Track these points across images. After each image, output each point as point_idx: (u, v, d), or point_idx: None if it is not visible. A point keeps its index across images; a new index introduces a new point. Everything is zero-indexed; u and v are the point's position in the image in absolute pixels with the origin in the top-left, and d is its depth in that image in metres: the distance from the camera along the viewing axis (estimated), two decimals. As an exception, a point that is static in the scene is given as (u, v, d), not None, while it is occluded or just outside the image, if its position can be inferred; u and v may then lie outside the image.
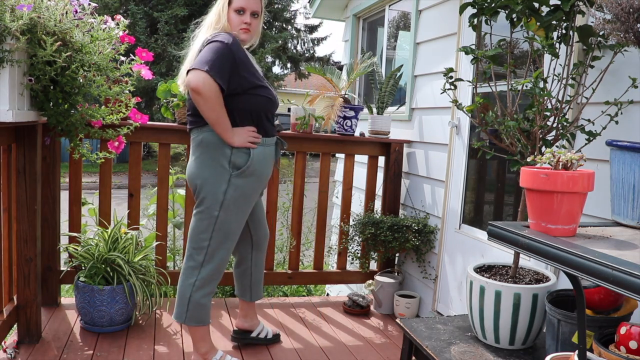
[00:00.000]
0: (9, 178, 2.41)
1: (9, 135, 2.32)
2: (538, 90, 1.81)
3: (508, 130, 1.95)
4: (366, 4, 4.46)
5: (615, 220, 1.48)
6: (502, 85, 2.10)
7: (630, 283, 0.97)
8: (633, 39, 1.49)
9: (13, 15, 1.86)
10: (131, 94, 2.44)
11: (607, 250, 1.13)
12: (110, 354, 2.48)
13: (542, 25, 1.82)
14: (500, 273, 2.07)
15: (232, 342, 2.69)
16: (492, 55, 1.96)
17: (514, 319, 1.90)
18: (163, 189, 3.15)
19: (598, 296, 1.71)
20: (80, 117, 2.27)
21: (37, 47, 1.98)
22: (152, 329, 2.80)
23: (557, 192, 1.25)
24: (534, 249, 1.22)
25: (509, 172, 2.60)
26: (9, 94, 1.94)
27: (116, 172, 8.31)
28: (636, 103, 1.87)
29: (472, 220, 2.97)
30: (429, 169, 3.33)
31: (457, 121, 3.00)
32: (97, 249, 2.71)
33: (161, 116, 10.03)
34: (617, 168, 1.46)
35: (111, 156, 2.54)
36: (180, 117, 3.06)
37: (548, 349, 1.82)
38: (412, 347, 2.07)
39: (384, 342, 2.87)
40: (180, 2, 14.84)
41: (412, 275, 3.45)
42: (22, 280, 2.47)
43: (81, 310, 2.70)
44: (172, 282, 3.04)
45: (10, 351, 2.38)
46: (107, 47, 2.23)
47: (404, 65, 3.62)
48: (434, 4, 3.33)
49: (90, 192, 3.86)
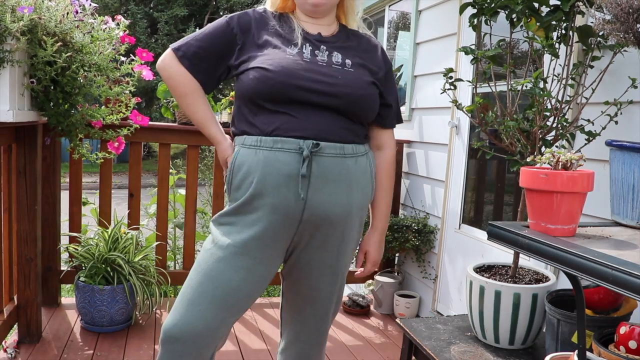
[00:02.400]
0: (10, 178, 2.41)
1: (10, 135, 2.33)
2: (538, 90, 1.82)
3: (508, 130, 1.95)
4: (366, 4, 4.46)
5: (615, 220, 1.48)
6: (502, 86, 2.10)
7: (629, 283, 0.97)
8: (632, 39, 1.49)
9: (14, 16, 1.87)
10: (131, 95, 2.44)
11: (606, 250, 1.13)
12: (111, 354, 2.48)
13: (542, 25, 1.83)
14: (500, 273, 2.07)
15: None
16: (492, 56, 1.96)
17: (514, 319, 1.90)
18: (163, 189, 3.15)
19: (598, 296, 1.71)
20: (81, 117, 2.28)
21: (37, 48, 1.99)
22: (152, 329, 2.80)
23: (556, 192, 1.25)
24: (533, 249, 1.22)
25: (508, 172, 2.61)
26: (10, 94, 1.95)
27: (116, 172, 8.31)
28: (636, 103, 1.87)
29: (472, 220, 2.98)
30: (429, 169, 3.33)
31: (457, 121, 3.00)
32: (98, 248, 2.71)
33: (161, 116, 10.03)
34: (617, 168, 1.46)
35: (111, 156, 2.55)
36: (180, 117, 3.06)
37: (548, 349, 1.82)
38: (412, 347, 2.08)
39: (383, 341, 2.87)
40: (180, 2, 14.85)
41: (412, 275, 3.46)
42: (23, 280, 2.48)
43: (81, 310, 2.70)
44: (172, 282, 3.04)
45: (10, 351, 2.38)
46: (108, 47, 2.23)
47: (404, 66, 3.62)
48: (433, 4, 3.34)
49: (91, 192, 3.86)
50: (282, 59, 1.40)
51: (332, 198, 1.40)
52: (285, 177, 1.36)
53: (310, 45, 1.46)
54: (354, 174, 1.43)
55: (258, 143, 1.39)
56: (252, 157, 1.39)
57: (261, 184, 1.37)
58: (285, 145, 1.36)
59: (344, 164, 1.41)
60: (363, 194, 1.48)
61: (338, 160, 1.40)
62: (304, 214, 1.38)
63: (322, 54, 1.45)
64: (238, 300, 1.40)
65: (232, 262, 1.38)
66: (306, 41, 1.47)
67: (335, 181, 1.40)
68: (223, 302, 1.37)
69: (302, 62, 1.41)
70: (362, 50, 1.53)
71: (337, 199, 1.41)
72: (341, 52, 1.48)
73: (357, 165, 1.45)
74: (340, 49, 1.49)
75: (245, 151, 1.41)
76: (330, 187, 1.39)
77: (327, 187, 1.39)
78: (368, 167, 1.49)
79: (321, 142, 1.37)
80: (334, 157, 1.39)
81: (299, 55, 1.42)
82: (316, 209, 1.39)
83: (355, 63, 1.47)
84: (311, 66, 1.41)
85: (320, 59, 1.44)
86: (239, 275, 1.38)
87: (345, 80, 1.42)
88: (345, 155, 1.41)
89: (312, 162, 1.36)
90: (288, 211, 1.38)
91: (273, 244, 1.42)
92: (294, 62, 1.40)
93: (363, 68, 1.48)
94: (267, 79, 1.37)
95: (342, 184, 1.41)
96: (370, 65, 1.51)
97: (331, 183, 1.39)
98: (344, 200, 1.42)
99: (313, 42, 1.47)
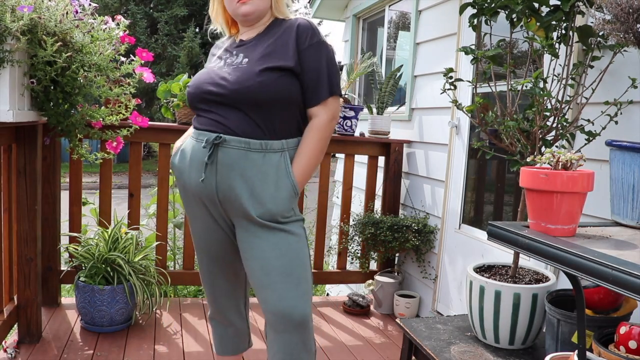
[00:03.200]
0: (10, 178, 2.41)
1: (10, 135, 2.33)
2: (538, 90, 1.82)
3: (508, 130, 1.95)
4: (366, 4, 4.47)
5: (615, 220, 1.48)
6: (502, 86, 2.10)
7: (629, 283, 0.97)
8: (632, 39, 1.49)
9: (14, 16, 1.87)
10: (131, 95, 2.44)
11: (606, 250, 1.13)
12: (111, 354, 2.48)
13: (542, 25, 1.83)
14: (500, 273, 2.07)
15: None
16: (492, 56, 1.96)
17: (514, 319, 1.90)
18: (163, 189, 3.15)
19: (597, 296, 1.71)
20: (81, 118, 2.28)
21: (37, 48, 1.99)
22: (152, 329, 2.80)
23: (556, 192, 1.25)
24: (533, 249, 1.22)
25: (508, 172, 2.61)
26: (10, 94, 1.95)
27: (116, 172, 8.32)
28: (636, 103, 1.87)
29: (472, 220, 2.98)
30: (429, 169, 3.33)
31: (457, 121, 3.00)
32: (98, 248, 2.71)
33: (161, 116, 10.03)
34: (617, 168, 1.46)
35: (110, 157, 2.54)
36: (181, 117, 3.06)
37: (548, 349, 1.82)
38: (412, 347, 2.08)
39: (383, 341, 2.87)
40: (180, 3, 14.86)
41: (412, 275, 3.46)
42: (23, 280, 2.48)
43: (81, 310, 2.70)
44: (172, 282, 3.04)
45: (10, 351, 2.38)
46: (108, 47, 2.23)
47: (404, 66, 3.62)
48: (433, 4, 3.34)
49: (91, 192, 3.86)
50: (200, 73, 1.68)
51: (232, 182, 1.56)
52: (197, 163, 1.60)
53: (229, 54, 1.67)
54: (261, 167, 1.56)
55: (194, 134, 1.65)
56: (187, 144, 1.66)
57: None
58: (200, 137, 1.60)
59: (249, 157, 1.55)
60: (275, 187, 1.58)
61: (242, 152, 1.55)
62: (218, 194, 1.59)
63: (234, 60, 1.63)
64: (208, 244, 1.73)
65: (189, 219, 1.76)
66: (226, 52, 1.69)
67: (241, 169, 1.56)
68: (199, 249, 1.78)
69: (210, 71, 1.64)
70: (278, 38, 1.62)
71: (236, 184, 1.56)
72: (246, 51, 1.63)
73: (265, 159, 1.56)
74: (249, 48, 1.63)
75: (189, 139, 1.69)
76: (235, 174, 1.56)
77: (232, 173, 1.56)
78: (283, 164, 1.58)
79: (226, 136, 1.55)
80: (239, 149, 1.55)
81: (214, 67, 1.67)
82: (222, 189, 1.58)
83: (255, 58, 1.59)
84: (214, 73, 1.63)
85: (227, 62, 1.64)
86: (195, 224, 1.73)
87: (233, 76, 1.57)
88: (250, 149, 1.55)
89: (218, 152, 1.56)
90: (205, 192, 1.62)
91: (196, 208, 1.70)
92: (203, 74, 1.66)
93: (266, 58, 1.58)
94: (189, 92, 1.67)
95: (246, 173, 1.56)
96: (280, 51, 1.58)
97: (236, 170, 1.56)
98: (242, 185, 1.56)
99: (230, 51, 1.68)
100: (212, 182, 1.58)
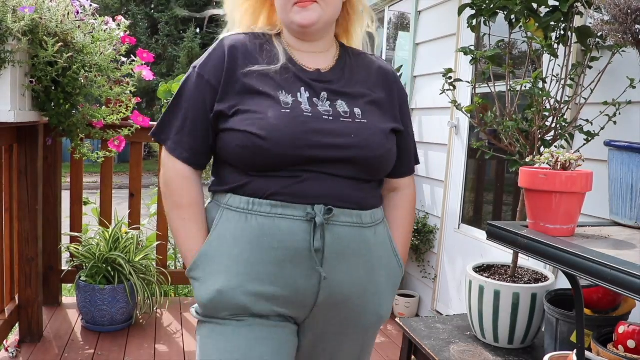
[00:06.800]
0: (11, 178, 2.42)
1: (11, 136, 2.34)
2: (537, 90, 1.82)
3: (507, 130, 1.96)
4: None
5: (614, 220, 1.49)
6: (501, 86, 2.11)
7: (628, 282, 0.97)
8: (631, 40, 1.50)
9: (15, 17, 1.88)
10: (132, 95, 2.45)
11: (605, 250, 1.14)
12: (111, 353, 2.49)
13: (541, 26, 1.83)
14: (499, 273, 2.08)
15: None
16: (491, 56, 1.97)
17: (513, 319, 1.90)
18: (164, 189, 3.15)
19: (596, 296, 1.72)
20: (82, 118, 2.29)
21: (38, 48, 2.00)
22: (153, 329, 2.80)
23: (555, 192, 1.25)
24: (532, 248, 1.23)
25: (507, 172, 2.61)
26: (11, 94, 1.95)
27: (117, 172, 8.31)
28: (634, 103, 1.87)
29: (471, 220, 2.98)
30: (429, 169, 3.33)
31: (456, 121, 3.01)
32: (98, 248, 2.72)
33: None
34: (616, 168, 1.47)
35: (112, 155, 2.55)
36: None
37: (547, 348, 1.83)
38: (412, 347, 2.08)
39: (383, 341, 2.88)
40: (180, 3, 14.86)
41: (411, 274, 3.46)
42: (24, 279, 2.48)
43: (82, 310, 2.71)
44: (173, 282, 3.04)
45: (12, 350, 2.39)
46: (109, 47, 2.24)
47: (404, 66, 3.63)
48: (433, 5, 3.34)
49: (92, 192, 3.87)
50: (276, 117, 1.06)
51: (351, 278, 1.12)
52: (291, 252, 1.06)
53: (307, 89, 1.12)
54: (374, 248, 1.15)
55: (249, 206, 1.08)
56: (241, 224, 1.08)
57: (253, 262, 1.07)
58: (288, 211, 1.06)
59: (363, 236, 1.12)
60: (388, 272, 1.20)
61: (356, 230, 1.11)
62: (319, 297, 1.10)
63: (323, 103, 1.12)
64: None
65: None
66: (301, 82, 1.13)
67: (355, 257, 1.12)
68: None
69: (304, 118, 1.08)
70: (372, 81, 1.21)
71: (357, 279, 1.13)
72: (345, 98, 1.15)
73: (377, 237, 1.16)
74: (344, 90, 1.16)
75: (231, 215, 1.09)
76: (350, 264, 1.11)
77: (346, 265, 1.11)
78: (387, 236, 1.21)
79: (334, 208, 1.08)
80: (351, 226, 1.10)
81: (296, 107, 1.09)
82: (334, 289, 1.10)
83: (366, 109, 1.16)
84: (316, 124, 1.08)
85: (322, 109, 1.11)
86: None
87: (360, 137, 1.10)
88: (363, 225, 1.12)
89: (326, 232, 1.07)
90: (297, 297, 1.09)
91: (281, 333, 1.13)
92: (293, 120, 1.07)
93: (375, 108, 1.17)
94: (261, 150, 1.05)
95: (362, 260, 1.13)
96: (387, 105, 1.20)
97: (350, 259, 1.11)
98: (364, 279, 1.14)
99: (309, 84, 1.13)
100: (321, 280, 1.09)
